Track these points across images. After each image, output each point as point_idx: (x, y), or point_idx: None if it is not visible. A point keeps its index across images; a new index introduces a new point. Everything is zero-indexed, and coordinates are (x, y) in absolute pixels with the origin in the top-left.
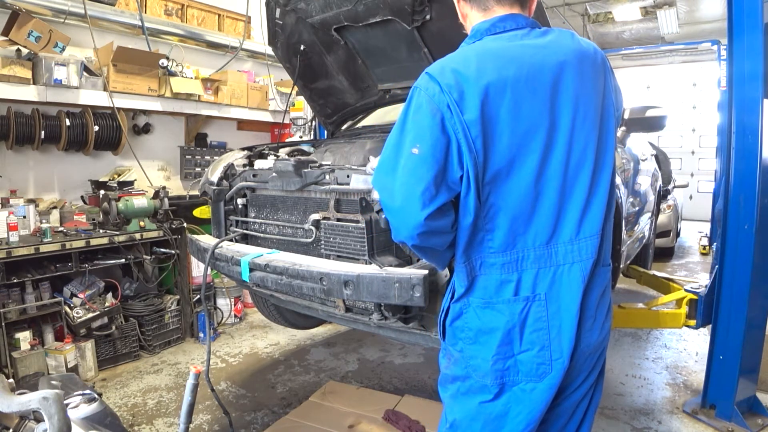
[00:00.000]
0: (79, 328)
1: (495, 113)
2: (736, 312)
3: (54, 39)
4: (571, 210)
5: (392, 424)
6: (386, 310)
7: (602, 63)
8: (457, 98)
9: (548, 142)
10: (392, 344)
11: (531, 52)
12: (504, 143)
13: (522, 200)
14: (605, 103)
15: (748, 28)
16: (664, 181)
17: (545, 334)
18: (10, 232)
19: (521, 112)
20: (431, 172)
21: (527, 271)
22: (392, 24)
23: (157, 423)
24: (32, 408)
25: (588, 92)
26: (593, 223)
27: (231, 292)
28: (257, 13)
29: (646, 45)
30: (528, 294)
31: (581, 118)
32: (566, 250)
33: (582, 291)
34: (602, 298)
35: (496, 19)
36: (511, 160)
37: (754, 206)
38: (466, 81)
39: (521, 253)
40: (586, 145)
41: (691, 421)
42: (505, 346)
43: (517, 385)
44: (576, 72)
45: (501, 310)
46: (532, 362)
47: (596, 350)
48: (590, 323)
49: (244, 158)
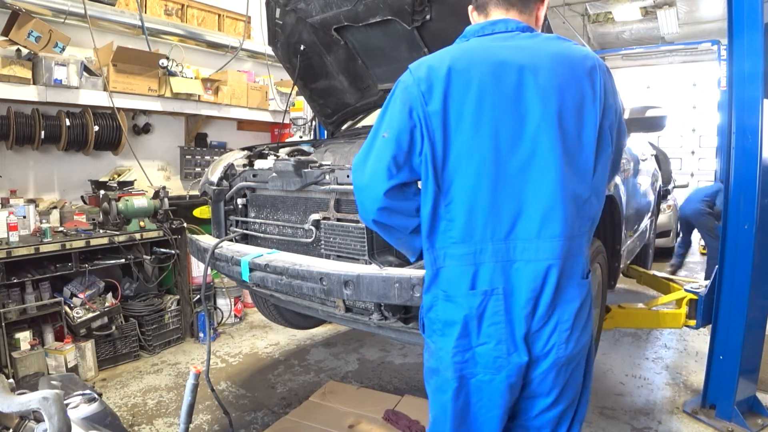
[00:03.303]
0: (79, 328)
1: (459, 106)
2: (736, 312)
3: (54, 39)
4: (532, 208)
5: (392, 424)
6: (386, 310)
7: (592, 68)
8: (425, 90)
9: (512, 138)
10: (392, 344)
11: (506, 52)
12: (465, 135)
13: (481, 192)
14: (584, 108)
15: (748, 28)
16: (664, 181)
17: (502, 328)
18: (10, 232)
19: (484, 107)
20: (394, 153)
21: (485, 264)
22: (392, 24)
23: (157, 423)
24: (32, 408)
25: (561, 94)
26: (555, 225)
27: (231, 292)
28: (257, 13)
29: (646, 45)
30: (486, 288)
31: (550, 119)
32: (524, 248)
33: (536, 290)
34: (580, 309)
35: (487, 23)
36: (471, 151)
37: (754, 206)
38: (435, 75)
39: (479, 245)
40: (554, 145)
41: (691, 421)
42: (463, 338)
43: (475, 377)
44: (548, 73)
45: (460, 303)
46: (489, 355)
47: (569, 362)
48: (562, 332)
49: (244, 158)
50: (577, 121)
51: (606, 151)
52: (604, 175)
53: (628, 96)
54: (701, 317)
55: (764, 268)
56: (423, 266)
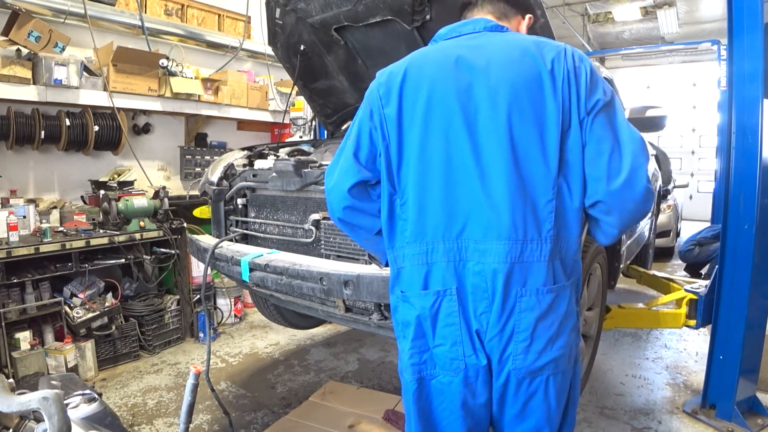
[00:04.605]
0: (79, 328)
1: (411, 108)
2: (736, 312)
3: (54, 39)
4: (480, 208)
5: (392, 424)
6: (386, 310)
7: (553, 59)
8: (383, 93)
9: (460, 138)
10: (392, 344)
11: (462, 51)
12: (416, 135)
13: (432, 191)
14: (543, 101)
15: (748, 28)
16: (664, 181)
17: (457, 330)
18: (10, 232)
19: (434, 108)
20: (355, 152)
21: (437, 263)
22: (392, 24)
23: (157, 423)
24: (32, 408)
25: (513, 91)
26: (500, 227)
27: (231, 292)
28: (257, 13)
29: (646, 45)
30: (438, 288)
31: (499, 117)
32: (474, 248)
33: (486, 292)
34: (542, 320)
35: (456, 24)
36: (422, 151)
37: (754, 206)
38: (393, 79)
39: (431, 245)
40: (502, 145)
41: (691, 421)
42: (418, 339)
43: (435, 378)
44: (500, 70)
45: (414, 303)
46: (446, 356)
47: (531, 375)
48: (519, 342)
49: (244, 158)
50: (534, 117)
51: (578, 141)
52: (592, 167)
53: (628, 96)
54: (701, 317)
55: (764, 268)
56: None
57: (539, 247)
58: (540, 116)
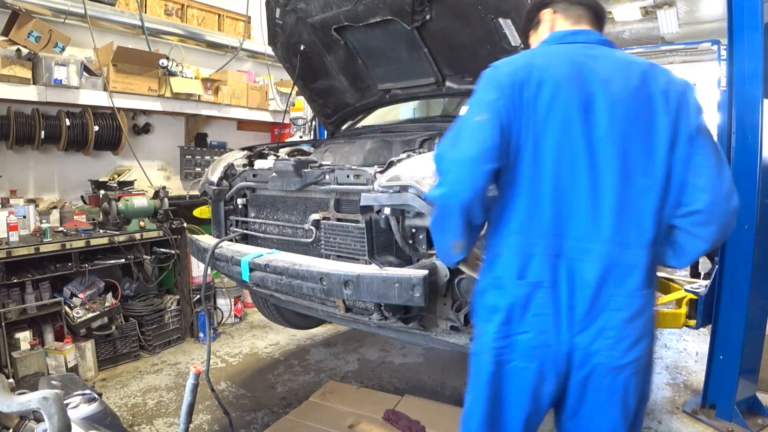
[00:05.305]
0: (79, 328)
1: (533, 101)
2: (736, 312)
3: (54, 39)
4: (585, 210)
5: (392, 424)
6: (386, 310)
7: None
8: (514, 82)
9: (577, 142)
10: (392, 344)
11: (582, 59)
12: (539, 130)
13: (542, 187)
14: (656, 123)
15: (748, 28)
16: None
17: (545, 320)
18: (10, 232)
19: (556, 108)
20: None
21: (536, 256)
22: (392, 24)
23: (157, 423)
24: (32, 408)
25: (631, 105)
26: (603, 230)
27: (231, 292)
28: (257, 13)
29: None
30: (534, 280)
31: (615, 128)
32: (573, 246)
33: (581, 289)
34: (631, 321)
35: (569, 32)
36: (538, 147)
37: (754, 206)
38: (520, 72)
39: (534, 238)
40: (614, 155)
41: (691, 421)
42: (506, 325)
43: (511, 363)
44: (621, 85)
45: (507, 291)
46: (528, 344)
47: (618, 371)
48: (607, 338)
49: (244, 158)
50: (645, 133)
51: (683, 155)
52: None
53: None
54: (701, 317)
55: (764, 268)
56: (423, 266)
57: (637, 253)
58: (651, 132)
